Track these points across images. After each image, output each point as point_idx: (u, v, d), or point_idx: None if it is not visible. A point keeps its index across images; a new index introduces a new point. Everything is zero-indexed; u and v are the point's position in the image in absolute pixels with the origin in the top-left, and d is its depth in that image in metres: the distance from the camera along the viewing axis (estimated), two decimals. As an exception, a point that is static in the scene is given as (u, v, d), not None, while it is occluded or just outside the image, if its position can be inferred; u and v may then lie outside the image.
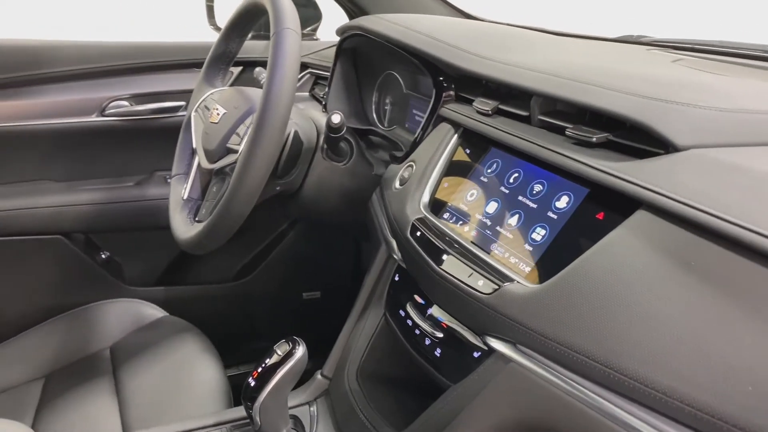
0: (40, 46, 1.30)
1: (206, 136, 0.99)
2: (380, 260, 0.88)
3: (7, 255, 1.32)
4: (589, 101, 0.64)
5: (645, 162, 0.58)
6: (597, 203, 0.61)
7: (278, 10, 0.86)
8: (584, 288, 0.55)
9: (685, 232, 0.51)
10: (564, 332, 0.55)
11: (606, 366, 0.51)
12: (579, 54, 0.89)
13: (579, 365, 0.53)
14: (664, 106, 0.59)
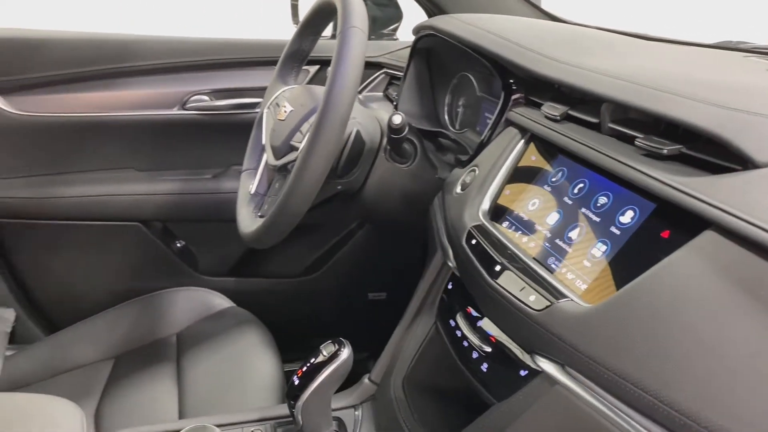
0: (130, 40, 1.37)
1: (274, 132, 1.00)
2: (435, 266, 0.85)
3: (89, 238, 1.39)
4: (663, 110, 0.59)
5: (718, 178, 0.53)
6: (663, 220, 0.57)
7: (347, 8, 0.85)
8: (641, 311, 0.51)
9: (757, 258, 0.46)
10: (615, 358, 0.51)
11: (656, 398, 0.47)
12: (662, 60, 0.84)
13: (628, 394, 0.49)
14: (746, 118, 0.54)
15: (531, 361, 0.62)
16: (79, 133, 1.36)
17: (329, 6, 0.97)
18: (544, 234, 0.69)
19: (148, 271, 1.44)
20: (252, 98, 1.42)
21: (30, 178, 1.36)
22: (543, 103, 0.79)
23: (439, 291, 0.82)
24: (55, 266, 1.41)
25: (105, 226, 1.39)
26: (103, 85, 1.36)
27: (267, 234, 0.91)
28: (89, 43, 1.34)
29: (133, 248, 1.42)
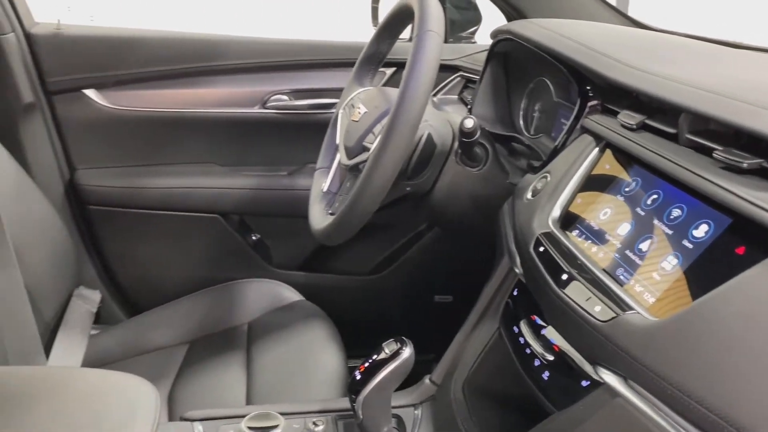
0: (217, 40, 1.43)
1: (348, 133, 1.02)
2: (501, 272, 0.86)
3: (171, 228, 1.46)
4: (744, 123, 0.57)
5: None
6: (739, 236, 0.55)
7: (424, 12, 0.87)
8: (711, 328, 0.50)
9: None
10: (680, 374, 0.50)
11: (721, 418, 0.45)
12: (748, 69, 0.80)
13: (692, 412, 0.48)
14: None
15: (593, 372, 0.62)
16: (167, 128, 1.43)
17: (407, 9, 0.98)
18: (614, 245, 0.68)
19: (225, 261, 1.50)
20: (329, 99, 1.46)
21: (120, 168, 1.45)
22: (620, 111, 0.78)
23: (504, 297, 0.82)
24: (139, 253, 1.49)
25: (187, 217, 1.46)
26: (190, 83, 1.43)
27: (337, 231, 0.93)
28: (179, 42, 1.42)
29: (212, 239, 1.49)
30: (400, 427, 0.82)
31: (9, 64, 1.29)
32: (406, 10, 1.00)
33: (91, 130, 1.41)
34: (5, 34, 1.28)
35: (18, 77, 1.30)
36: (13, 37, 1.29)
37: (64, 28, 1.36)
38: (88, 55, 1.37)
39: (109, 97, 1.40)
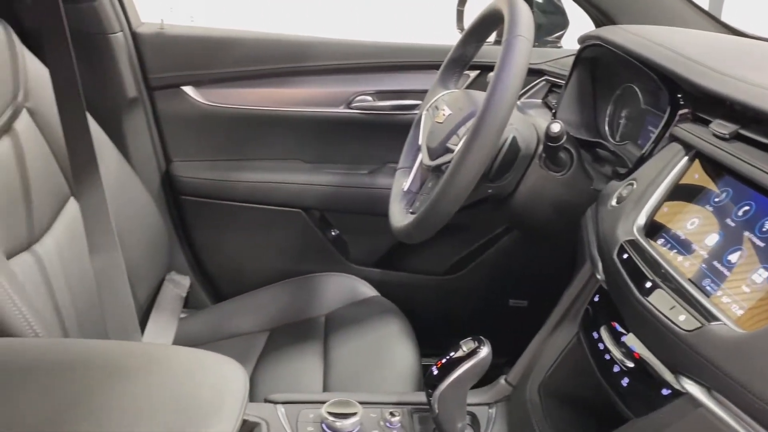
0: (306, 42, 1.49)
1: (431, 134, 1.04)
2: (582, 277, 0.86)
3: (256, 220, 1.53)
4: None
5: None
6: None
7: (514, 17, 0.88)
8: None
9: None
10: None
11: None
12: None
13: None
14: None
15: (675, 381, 0.61)
16: (256, 125, 1.50)
17: (497, 14, 0.99)
18: (701, 255, 0.67)
19: (305, 254, 1.56)
20: (412, 100, 1.48)
21: (212, 162, 1.52)
22: (712, 120, 0.76)
23: (584, 302, 0.82)
24: (225, 242, 1.57)
25: (271, 210, 1.53)
26: (280, 82, 1.49)
27: (416, 230, 0.95)
28: (271, 43, 1.48)
29: (294, 233, 1.54)
30: (475, 424, 0.83)
31: (116, 61, 1.38)
32: (495, 14, 1.01)
33: (186, 124, 1.50)
34: (114, 33, 1.37)
35: (124, 73, 1.40)
36: (121, 36, 1.39)
37: (167, 27, 1.45)
38: (187, 54, 1.46)
39: (204, 94, 1.48)
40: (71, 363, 0.74)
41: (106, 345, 0.85)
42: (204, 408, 0.70)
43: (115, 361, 0.76)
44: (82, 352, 0.78)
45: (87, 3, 1.32)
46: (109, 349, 0.82)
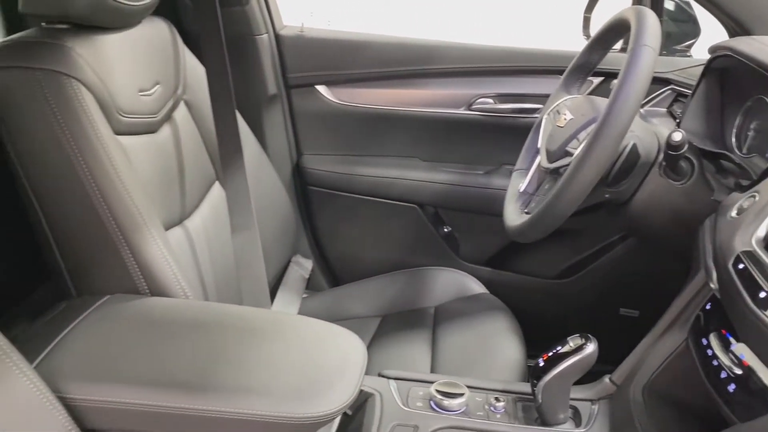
0: (432, 45, 1.56)
1: (551, 138, 1.08)
2: (695, 285, 0.86)
3: (374, 213, 1.62)
4: None
5: None
6: None
7: (641, 26, 0.90)
8: None
9: None
10: None
11: None
12: None
13: None
14: None
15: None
16: (380, 123, 1.59)
17: (624, 23, 1.01)
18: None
19: (417, 248, 1.63)
20: (532, 104, 1.51)
21: (338, 156, 1.63)
22: None
23: (695, 309, 0.83)
24: (345, 231, 1.67)
25: (388, 204, 1.61)
26: (405, 84, 1.57)
27: (531, 230, 1.00)
28: (399, 46, 1.56)
29: (408, 227, 1.62)
30: (576, 417, 0.86)
31: (260, 60, 1.52)
32: (622, 23, 1.03)
33: (318, 121, 1.61)
34: (261, 34, 1.51)
35: (266, 72, 1.53)
36: (266, 38, 1.53)
37: (306, 30, 1.57)
38: (322, 55, 1.57)
39: (335, 92, 1.59)
40: (218, 322, 0.86)
41: (246, 310, 0.97)
42: (328, 373, 0.78)
43: (254, 324, 0.87)
44: (227, 314, 0.89)
45: (239, 7, 1.46)
46: (248, 313, 0.93)
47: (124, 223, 0.92)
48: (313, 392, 0.74)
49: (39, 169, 0.92)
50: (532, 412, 0.87)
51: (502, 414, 0.86)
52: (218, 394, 0.72)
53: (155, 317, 0.86)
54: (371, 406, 0.86)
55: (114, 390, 0.72)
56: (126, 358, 0.78)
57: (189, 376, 0.74)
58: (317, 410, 0.72)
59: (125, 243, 0.92)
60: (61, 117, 0.90)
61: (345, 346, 0.84)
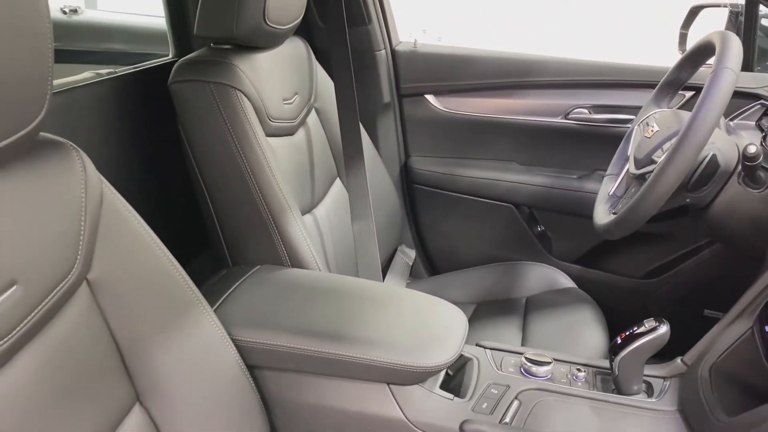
0: (532, 60, 1.68)
1: (639, 146, 1.19)
2: (765, 280, 0.95)
3: (473, 210, 1.77)
4: None
5: None
6: None
7: (724, 50, 1.00)
8: None
9: None
10: None
11: None
12: None
13: None
14: None
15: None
16: (482, 130, 1.73)
17: (710, 45, 1.11)
18: None
19: (512, 244, 1.76)
20: (625, 115, 1.60)
21: (441, 158, 1.79)
22: None
23: (763, 301, 0.92)
24: (445, 226, 1.82)
25: (487, 203, 1.75)
26: (506, 94, 1.70)
27: (617, 227, 1.11)
28: (501, 60, 1.70)
29: (504, 224, 1.75)
30: (649, 390, 0.97)
31: (378, 72, 1.71)
32: (708, 45, 1.13)
33: (425, 126, 1.78)
34: (380, 50, 1.70)
35: (383, 83, 1.72)
36: (384, 53, 1.71)
37: (419, 46, 1.74)
38: (432, 68, 1.74)
39: (442, 101, 1.75)
40: (347, 290, 1.04)
41: (367, 282, 1.15)
42: (437, 334, 0.95)
43: (374, 293, 1.05)
44: (353, 284, 1.08)
45: (363, 26, 1.65)
46: (369, 285, 1.11)
47: (273, 207, 1.12)
48: (424, 348, 0.90)
49: (209, 162, 1.14)
50: (610, 383, 0.99)
51: (583, 383, 0.98)
52: (349, 343, 0.89)
53: (298, 283, 1.06)
54: (470, 368, 1.00)
55: (270, 335, 0.91)
56: (277, 312, 0.97)
57: (327, 327, 0.93)
58: (428, 363, 0.88)
59: (273, 223, 1.12)
60: (229, 121, 1.11)
61: (449, 315, 1.00)
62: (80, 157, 0.69)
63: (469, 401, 0.93)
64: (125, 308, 0.74)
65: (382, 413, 0.90)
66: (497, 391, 0.94)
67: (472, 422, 0.88)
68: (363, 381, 0.90)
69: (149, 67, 1.37)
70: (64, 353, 0.66)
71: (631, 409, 0.93)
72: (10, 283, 0.59)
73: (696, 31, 1.70)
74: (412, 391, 0.90)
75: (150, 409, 0.77)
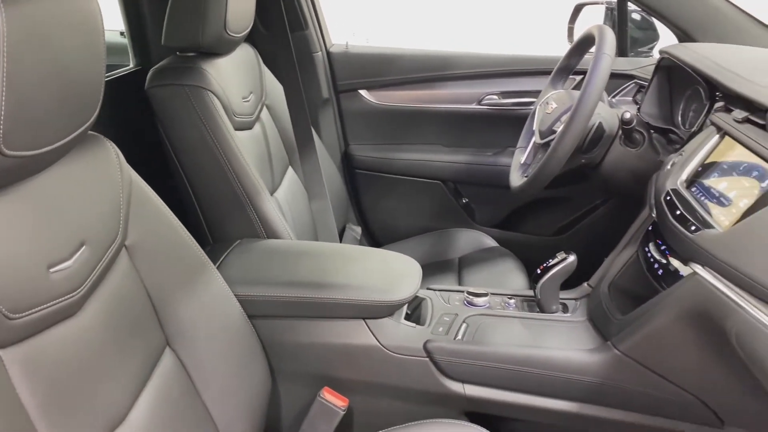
0: (448, 55, 1.91)
1: (542, 121, 1.42)
2: (643, 216, 1.21)
3: (407, 189, 1.98)
4: None
5: None
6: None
7: (601, 40, 1.24)
8: (760, 233, 0.83)
9: None
10: (737, 260, 0.84)
11: (762, 284, 0.79)
12: None
13: (743, 283, 0.82)
14: None
15: (689, 269, 0.96)
16: (409, 118, 1.94)
17: (591, 37, 1.36)
18: (714, 194, 1.01)
19: (442, 215, 1.98)
20: (527, 98, 1.85)
21: (376, 145, 1.99)
22: (734, 109, 1.09)
23: (643, 230, 1.17)
24: (383, 204, 2.02)
25: (418, 182, 1.96)
26: (428, 86, 1.92)
27: (530, 186, 1.34)
28: (423, 57, 1.92)
29: (435, 199, 1.97)
30: (565, 309, 1.21)
31: (317, 72, 1.88)
32: (589, 37, 1.38)
33: (361, 118, 1.97)
34: (316, 52, 1.87)
35: (321, 81, 1.89)
36: (320, 55, 1.88)
37: (350, 47, 1.93)
38: (363, 67, 1.93)
39: (375, 95, 1.95)
40: (321, 251, 1.22)
41: (336, 245, 1.33)
42: (399, 276, 1.14)
43: (344, 252, 1.23)
44: (325, 247, 1.26)
45: (301, 32, 1.82)
46: (338, 246, 1.30)
47: (248, 188, 1.28)
48: (391, 287, 1.10)
49: (188, 153, 1.28)
50: (534, 307, 1.22)
51: (514, 308, 1.21)
52: (331, 289, 1.07)
53: (279, 250, 1.23)
54: (425, 305, 1.21)
55: (263, 289, 1.08)
56: (267, 271, 1.14)
57: (311, 278, 1.10)
58: (395, 298, 1.08)
59: (249, 202, 1.28)
60: (203, 117, 1.25)
61: (407, 263, 1.20)
62: (114, 148, 0.84)
63: (428, 327, 1.13)
64: (154, 268, 0.89)
65: (362, 343, 1.08)
66: (449, 318, 1.15)
67: (432, 341, 1.08)
68: (344, 319, 1.08)
69: (118, 76, 1.49)
70: (116, 304, 0.81)
71: (552, 323, 1.16)
72: (81, 244, 0.74)
73: (581, 25, 1.97)
74: (383, 323, 1.10)
75: (177, 351, 0.92)
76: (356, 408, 1.11)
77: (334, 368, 1.09)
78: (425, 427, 0.98)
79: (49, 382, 0.66)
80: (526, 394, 1.08)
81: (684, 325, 0.94)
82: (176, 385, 0.89)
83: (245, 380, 1.00)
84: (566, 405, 1.07)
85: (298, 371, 1.11)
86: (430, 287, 1.29)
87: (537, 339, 1.12)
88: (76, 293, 0.72)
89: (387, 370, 1.08)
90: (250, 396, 1.00)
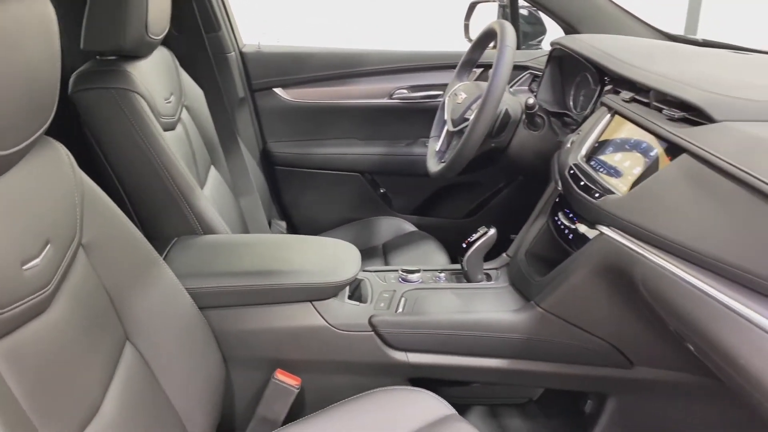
0: (359, 53, 1.98)
1: (453, 111, 1.53)
2: (550, 189, 1.34)
3: (327, 182, 2.04)
4: (673, 93, 1.04)
5: (695, 129, 0.97)
6: (668, 153, 1.01)
7: (503, 33, 1.36)
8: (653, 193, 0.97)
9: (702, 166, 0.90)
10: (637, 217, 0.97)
11: (663, 237, 0.92)
12: (708, 64, 1.24)
13: (643, 236, 0.95)
14: (716, 98, 0.97)
15: (595, 231, 1.09)
16: (326, 114, 2.00)
17: (492, 31, 1.48)
18: (610, 165, 1.15)
19: (362, 205, 2.05)
20: (435, 91, 1.97)
21: (294, 141, 2.03)
22: (621, 91, 1.24)
23: (551, 202, 1.31)
24: (304, 198, 2.07)
25: (337, 174, 2.03)
26: (342, 83, 1.99)
27: (448, 170, 1.44)
28: (335, 55, 1.98)
29: (353, 190, 2.04)
30: (488, 278, 1.32)
31: (232, 72, 1.89)
32: (491, 31, 1.50)
33: (277, 115, 2.01)
34: (230, 53, 1.88)
35: (236, 81, 1.90)
36: (233, 55, 1.90)
37: (263, 47, 1.95)
38: (276, 66, 1.96)
39: (289, 93, 1.99)
40: (261, 241, 1.26)
41: (273, 235, 1.37)
42: (340, 260, 1.21)
43: (283, 241, 1.28)
44: (264, 237, 1.29)
45: (214, 33, 1.82)
46: (276, 236, 1.33)
47: (181, 186, 1.29)
48: (334, 270, 1.16)
49: (119, 155, 1.27)
50: (462, 278, 1.32)
51: (444, 281, 1.31)
52: (277, 275, 1.12)
53: (219, 243, 1.25)
54: (364, 285, 1.27)
55: (212, 280, 1.11)
56: (212, 264, 1.16)
57: (257, 267, 1.14)
58: (338, 279, 1.14)
59: (184, 199, 1.29)
60: (133, 119, 1.25)
61: (346, 247, 1.27)
62: (64, 150, 0.84)
63: (371, 304, 1.20)
64: (109, 265, 0.90)
65: (310, 324, 1.14)
66: (388, 295, 1.23)
67: (376, 316, 1.16)
68: (291, 303, 1.13)
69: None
70: (79, 300, 0.82)
71: (479, 290, 1.27)
72: (46, 242, 0.74)
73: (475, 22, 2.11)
74: (329, 304, 1.16)
75: (137, 344, 0.93)
76: (309, 386, 1.16)
77: (286, 351, 1.14)
78: (374, 396, 1.05)
79: (32, 375, 0.68)
80: (462, 356, 1.18)
81: (596, 279, 1.08)
82: (138, 377, 0.90)
83: (201, 369, 1.03)
84: (498, 362, 1.18)
85: (251, 356, 1.14)
86: (366, 269, 1.36)
87: (468, 305, 1.22)
88: (46, 290, 0.73)
89: (336, 347, 1.14)
90: (207, 384, 1.03)
